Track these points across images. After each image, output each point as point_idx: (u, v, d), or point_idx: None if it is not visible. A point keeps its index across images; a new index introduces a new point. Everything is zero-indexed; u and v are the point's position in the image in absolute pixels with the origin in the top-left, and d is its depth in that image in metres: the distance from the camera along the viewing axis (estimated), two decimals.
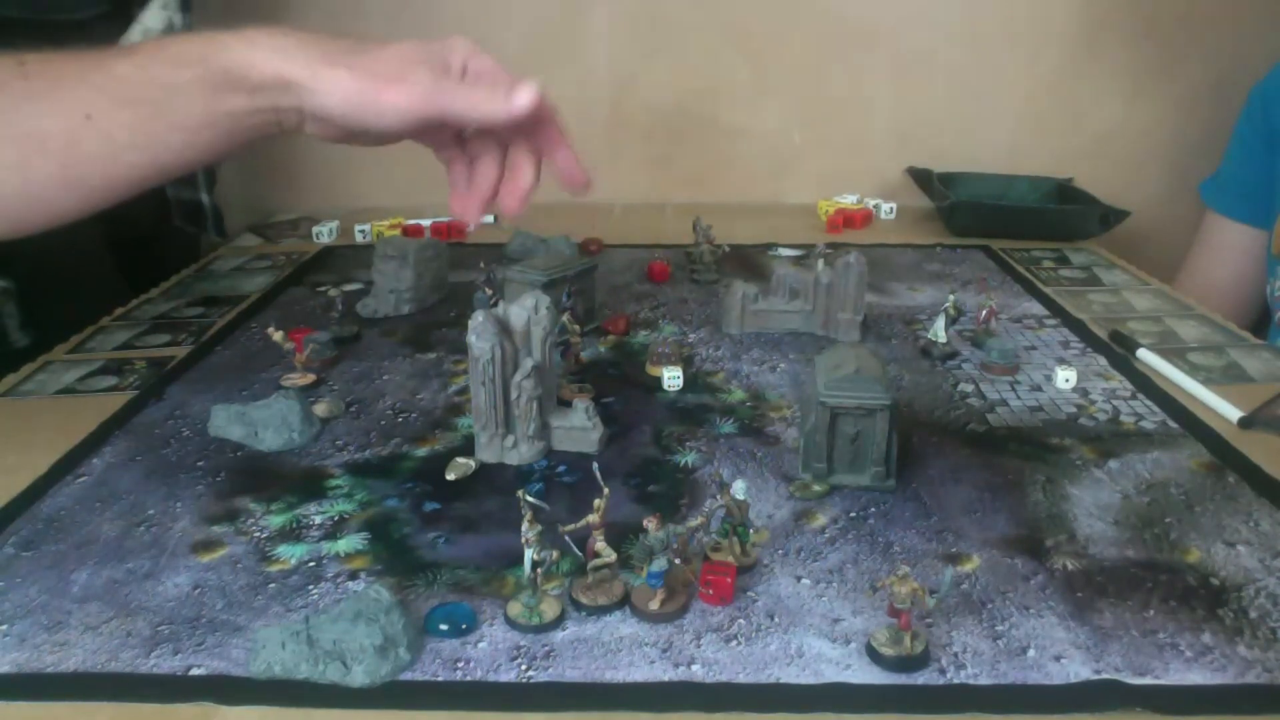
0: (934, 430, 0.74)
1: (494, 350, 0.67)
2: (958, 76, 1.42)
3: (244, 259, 1.19)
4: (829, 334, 0.91)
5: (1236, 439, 0.72)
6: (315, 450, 0.72)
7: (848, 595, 0.55)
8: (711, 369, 0.85)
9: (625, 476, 0.68)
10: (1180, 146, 1.44)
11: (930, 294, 1.04)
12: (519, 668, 0.50)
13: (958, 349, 0.89)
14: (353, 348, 0.90)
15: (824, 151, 1.46)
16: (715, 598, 0.54)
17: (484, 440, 0.69)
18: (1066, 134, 1.44)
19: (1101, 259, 1.17)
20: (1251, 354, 0.88)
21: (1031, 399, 0.79)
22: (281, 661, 0.49)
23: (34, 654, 0.51)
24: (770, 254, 1.17)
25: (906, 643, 0.50)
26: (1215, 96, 1.39)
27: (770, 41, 1.41)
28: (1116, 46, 1.41)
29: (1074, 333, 0.93)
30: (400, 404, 0.79)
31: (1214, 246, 1.30)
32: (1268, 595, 0.55)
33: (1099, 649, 0.51)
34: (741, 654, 0.51)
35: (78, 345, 0.91)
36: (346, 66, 0.62)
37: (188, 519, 0.63)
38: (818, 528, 0.62)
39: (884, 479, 0.65)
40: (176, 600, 0.55)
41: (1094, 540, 0.60)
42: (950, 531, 0.61)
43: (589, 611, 0.54)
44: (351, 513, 0.64)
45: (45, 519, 0.63)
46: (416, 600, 0.55)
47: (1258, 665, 0.50)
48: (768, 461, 0.70)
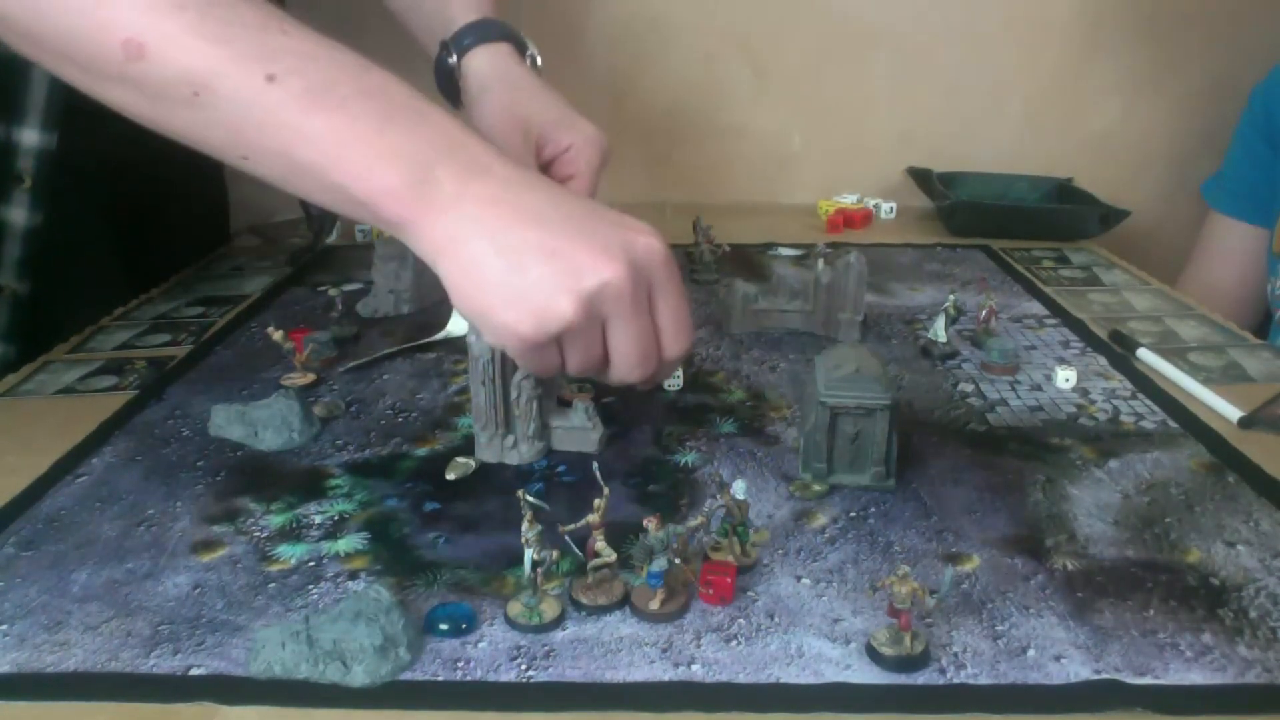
0: (934, 430, 0.74)
1: (494, 350, 0.67)
2: (958, 76, 1.42)
3: (244, 259, 1.19)
4: (829, 334, 0.91)
5: (1236, 439, 0.72)
6: (315, 450, 0.72)
7: (848, 595, 0.55)
8: (711, 369, 0.85)
9: (625, 476, 0.68)
10: (1180, 146, 1.44)
11: (930, 294, 1.04)
12: (519, 668, 0.50)
13: (958, 349, 0.89)
14: (353, 348, 0.90)
15: (824, 151, 1.46)
16: (715, 598, 0.54)
17: (484, 440, 0.69)
18: (1066, 134, 1.44)
19: (1101, 259, 1.17)
20: (1252, 354, 0.88)
21: (1031, 399, 0.79)
22: (281, 661, 0.49)
23: (34, 654, 0.51)
24: (770, 254, 1.17)
25: (906, 643, 0.50)
26: (1215, 96, 1.39)
27: (770, 41, 1.41)
28: (1116, 46, 1.41)
29: (1074, 333, 0.93)
30: (400, 404, 0.79)
31: (1216, 247, 1.30)
32: (1268, 595, 0.55)
33: (1099, 649, 0.51)
34: (741, 654, 0.51)
35: (78, 345, 0.91)
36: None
37: (188, 519, 0.63)
38: (818, 528, 0.62)
39: (884, 479, 0.65)
40: (176, 600, 0.55)
41: (1094, 540, 0.60)
42: (950, 531, 0.61)
43: (589, 611, 0.54)
44: (351, 513, 0.64)
45: (45, 519, 0.63)
46: (416, 600, 0.55)
47: (1258, 665, 0.50)
48: (768, 461, 0.70)
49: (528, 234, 0.51)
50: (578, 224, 0.52)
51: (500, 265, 0.51)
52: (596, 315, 0.52)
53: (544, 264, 0.51)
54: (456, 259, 0.52)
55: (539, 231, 0.51)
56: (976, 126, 1.44)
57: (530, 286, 0.51)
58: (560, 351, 0.54)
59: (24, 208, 0.88)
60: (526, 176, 0.54)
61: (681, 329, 0.56)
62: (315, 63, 0.52)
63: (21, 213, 0.88)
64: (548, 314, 0.51)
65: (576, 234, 0.52)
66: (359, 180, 0.51)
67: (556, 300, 0.51)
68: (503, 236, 0.51)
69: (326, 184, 0.52)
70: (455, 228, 0.51)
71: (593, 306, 0.52)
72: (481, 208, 0.52)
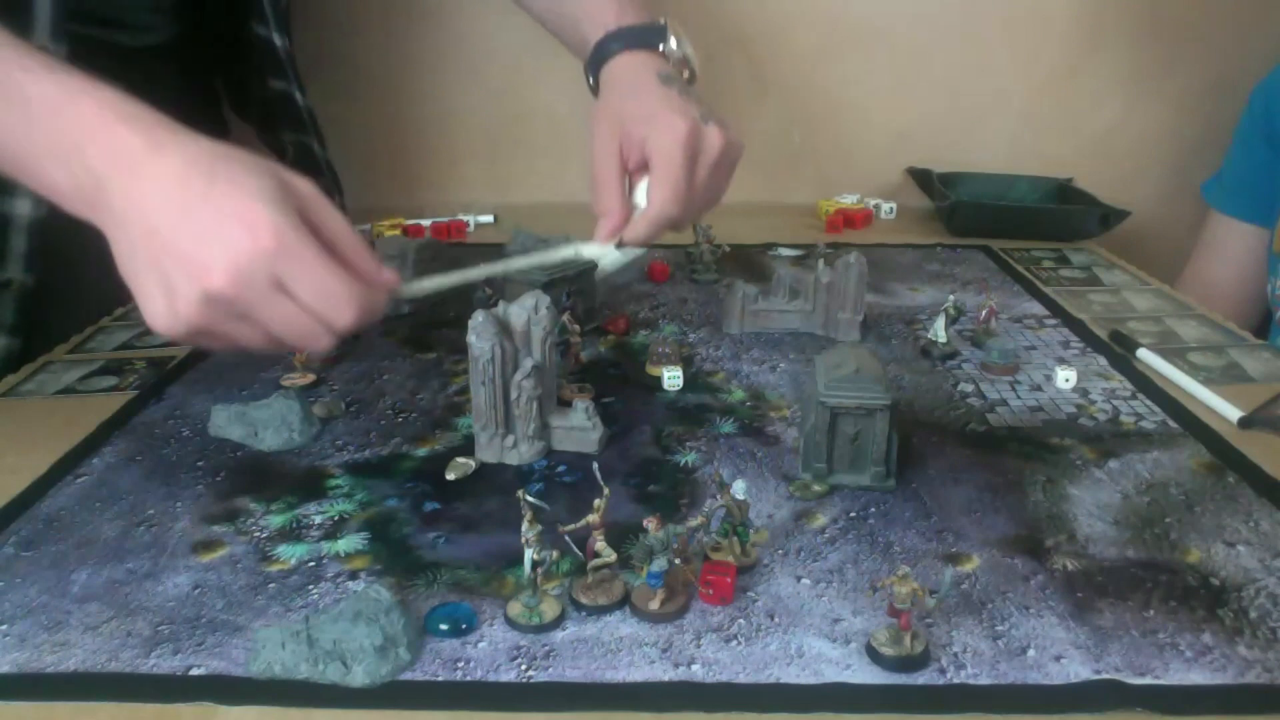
0: (934, 430, 0.74)
1: (494, 350, 0.67)
2: (958, 76, 1.42)
3: None
4: (829, 334, 0.91)
5: (1236, 439, 0.72)
6: (315, 450, 0.72)
7: (848, 595, 0.55)
8: (711, 369, 0.85)
9: (625, 476, 0.68)
10: (1180, 146, 1.44)
11: (930, 294, 1.04)
12: (519, 668, 0.50)
13: (958, 349, 0.89)
14: (352, 347, 0.90)
15: (824, 151, 1.46)
16: (715, 598, 0.54)
17: (484, 440, 0.69)
18: (1066, 134, 1.44)
19: (1101, 259, 1.17)
20: (1251, 354, 0.88)
21: (1031, 399, 0.79)
22: (281, 661, 0.49)
23: (34, 654, 0.51)
24: (770, 254, 1.17)
25: (906, 643, 0.50)
26: (1215, 96, 1.39)
27: (770, 41, 1.41)
28: (1116, 46, 1.41)
29: (1074, 333, 0.93)
30: (400, 404, 0.79)
31: (1217, 246, 1.30)
32: (1268, 595, 0.55)
33: (1099, 649, 0.51)
34: (741, 654, 0.51)
35: (78, 345, 0.91)
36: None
37: (188, 519, 0.63)
38: (818, 528, 0.62)
39: (884, 479, 0.65)
40: (176, 600, 0.55)
41: (1094, 540, 0.60)
42: (950, 531, 0.61)
43: (589, 611, 0.54)
44: (351, 513, 0.64)
45: (45, 519, 0.63)
46: (416, 600, 0.55)
47: (1258, 665, 0.50)
48: (768, 461, 0.70)
49: (143, 239, 0.53)
50: (189, 225, 0.53)
51: (131, 266, 0.54)
52: (221, 315, 0.54)
53: (155, 270, 0.53)
54: (116, 253, 0.55)
55: (150, 236, 0.53)
56: (976, 126, 1.44)
57: (152, 289, 0.54)
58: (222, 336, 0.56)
59: (29, 199, 0.88)
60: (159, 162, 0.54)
61: (330, 305, 0.55)
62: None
63: (26, 204, 0.88)
64: (173, 316, 0.54)
65: (182, 239, 0.53)
66: (37, 183, 0.57)
67: (174, 305, 0.53)
68: (129, 233, 0.54)
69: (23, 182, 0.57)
70: (111, 228, 0.55)
71: (210, 310, 0.53)
72: (120, 202, 0.54)
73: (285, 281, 0.54)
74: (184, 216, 0.53)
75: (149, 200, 0.54)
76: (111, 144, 0.55)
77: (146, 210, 0.53)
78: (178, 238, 0.53)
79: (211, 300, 0.53)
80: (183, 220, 0.53)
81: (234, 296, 0.53)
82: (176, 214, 0.53)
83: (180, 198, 0.53)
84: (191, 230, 0.53)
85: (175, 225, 0.53)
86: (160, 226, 0.53)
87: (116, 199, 0.54)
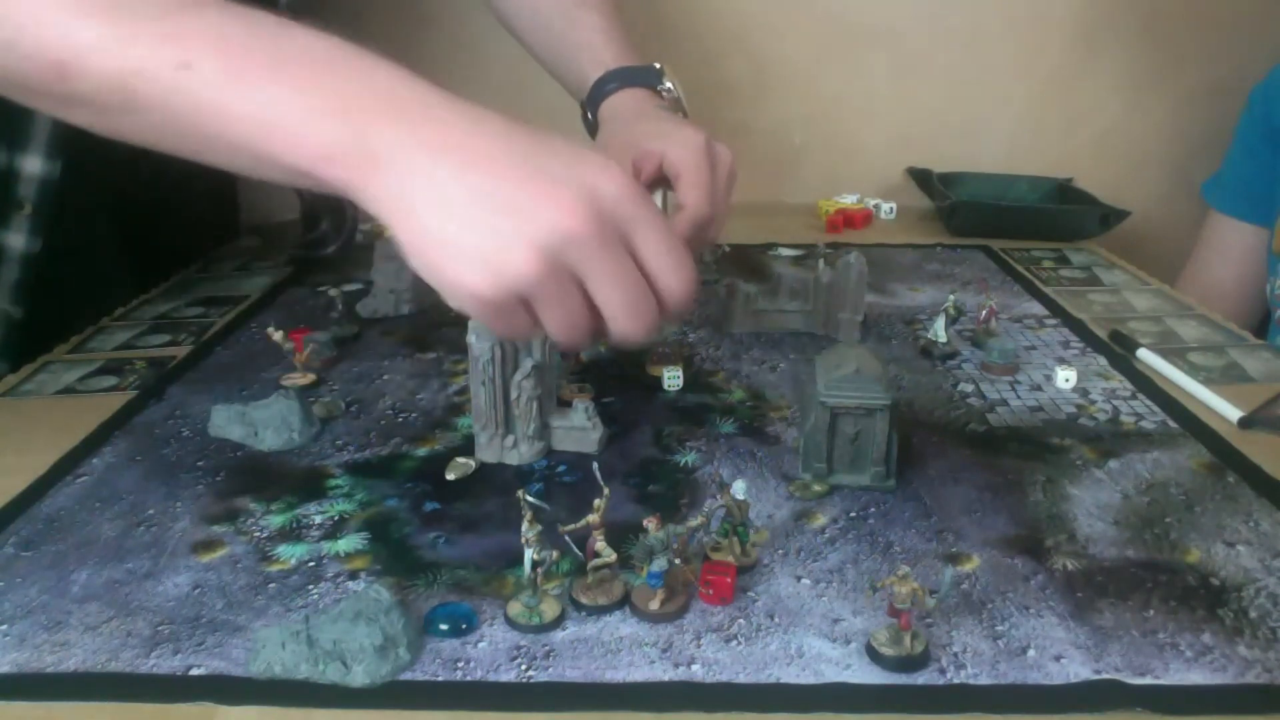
0: (934, 430, 0.74)
1: (494, 350, 0.67)
2: (958, 76, 1.42)
3: (244, 259, 1.19)
4: (829, 334, 0.91)
5: (1236, 439, 0.72)
6: (315, 450, 0.72)
7: (848, 595, 0.55)
8: (711, 369, 0.85)
9: (625, 476, 0.68)
10: (1180, 146, 1.44)
11: (930, 294, 1.04)
12: (519, 668, 0.50)
13: (958, 349, 0.89)
14: (352, 347, 0.90)
15: (824, 151, 1.46)
16: (715, 598, 0.54)
17: (484, 440, 0.69)
18: (1066, 134, 1.44)
19: (1101, 259, 1.17)
20: (1251, 354, 0.88)
21: (1031, 399, 0.79)
22: (281, 661, 0.49)
23: (34, 654, 0.51)
24: (770, 254, 1.17)
25: (906, 643, 0.50)
26: (1215, 96, 1.39)
27: (770, 41, 1.41)
28: (1116, 46, 1.41)
29: (1074, 333, 0.93)
30: (400, 404, 0.79)
31: (1217, 246, 1.30)
32: (1268, 595, 0.55)
33: (1099, 649, 0.51)
34: (741, 654, 0.51)
35: (78, 345, 0.91)
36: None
37: (188, 519, 0.63)
38: (818, 528, 0.62)
39: (884, 479, 0.65)
40: (176, 600, 0.55)
41: (1094, 540, 0.60)
42: (950, 531, 0.61)
43: (589, 611, 0.54)
44: (351, 513, 0.64)
45: (45, 519, 0.63)
46: (416, 600, 0.55)
47: (1258, 665, 0.50)
48: (768, 461, 0.70)
49: (476, 182, 0.47)
50: (533, 167, 0.48)
51: (449, 219, 0.47)
52: (562, 268, 0.48)
53: (495, 215, 0.47)
54: (405, 216, 0.48)
55: (489, 179, 0.47)
56: (976, 127, 1.44)
57: (482, 241, 0.47)
58: (531, 312, 0.50)
59: (23, 233, 0.88)
60: (477, 115, 0.50)
61: (674, 265, 0.51)
62: (228, 40, 0.49)
63: (20, 238, 0.88)
64: (503, 270, 0.47)
65: (530, 179, 0.47)
66: (293, 150, 0.48)
67: (511, 254, 0.47)
68: (449, 187, 0.47)
69: (266, 159, 0.49)
70: (400, 183, 0.48)
71: (555, 259, 0.47)
72: (426, 157, 0.48)
73: (633, 229, 0.49)
74: (523, 162, 0.48)
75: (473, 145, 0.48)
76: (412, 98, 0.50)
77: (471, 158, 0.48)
78: (520, 179, 0.47)
79: (558, 243, 0.47)
80: (522, 165, 0.48)
81: (587, 239, 0.47)
82: (514, 159, 0.48)
83: (512, 145, 0.48)
84: (532, 173, 0.47)
85: (507, 172, 0.47)
86: (491, 174, 0.47)
87: (417, 154, 0.48)
